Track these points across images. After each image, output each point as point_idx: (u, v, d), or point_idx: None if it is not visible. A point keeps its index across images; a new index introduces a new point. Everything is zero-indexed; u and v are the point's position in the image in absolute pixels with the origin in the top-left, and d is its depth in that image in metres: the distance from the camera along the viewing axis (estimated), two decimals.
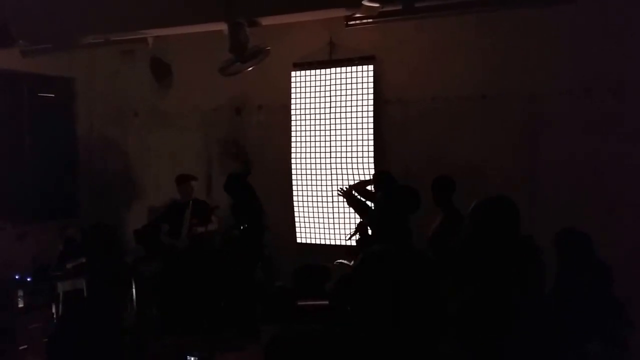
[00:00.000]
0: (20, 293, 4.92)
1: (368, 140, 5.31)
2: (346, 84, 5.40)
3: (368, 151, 5.31)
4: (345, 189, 4.49)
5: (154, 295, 5.33)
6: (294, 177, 5.65)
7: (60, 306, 5.15)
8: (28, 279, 5.24)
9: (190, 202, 5.47)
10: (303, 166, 5.63)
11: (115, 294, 4.59)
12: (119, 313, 4.44)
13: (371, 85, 5.30)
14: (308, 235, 5.60)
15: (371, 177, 4.88)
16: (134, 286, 5.05)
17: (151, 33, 5.01)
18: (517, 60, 4.84)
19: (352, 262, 4.43)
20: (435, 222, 4.07)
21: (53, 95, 6.28)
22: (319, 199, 5.54)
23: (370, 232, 4.38)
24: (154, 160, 6.13)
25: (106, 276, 4.81)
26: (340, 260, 4.60)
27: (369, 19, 4.86)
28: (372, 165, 5.25)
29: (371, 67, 5.31)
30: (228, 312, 5.25)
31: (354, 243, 4.64)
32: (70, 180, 6.45)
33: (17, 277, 5.14)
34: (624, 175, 4.43)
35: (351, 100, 5.38)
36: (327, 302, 4.13)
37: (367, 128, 5.31)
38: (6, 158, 5.85)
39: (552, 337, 2.82)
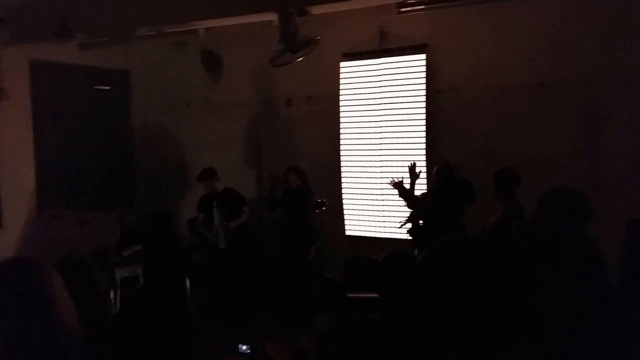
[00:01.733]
0: None
1: (420, 131, 5.19)
2: (397, 73, 5.28)
3: (419, 142, 5.19)
4: (397, 180, 4.41)
5: (205, 283, 5.44)
6: (343, 168, 5.61)
7: (118, 292, 5.36)
8: (89, 265, 5.46)
9: (216, 195, 5.31)
10: (352, 157, 5.58)
11: (170, 281, 4.74)
12: (174, 299, 4.58)
13: (423, 74, 5.16)
14: (357, 227, 5.57)
15: (421, 171, 4.77)
16: (186, 273, 5.19)
17: (203, 24, 5.06)
18: (577, 47, 4.58)
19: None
20: (494, 215, 3.94)
21: (109, 88, 6.47)
22: (369, 190, 5.48)
23: (421, 223, 4.31)
24: (206, 150, 6.22)
25: (161, 263, 4.98)
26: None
27: (422, 5, 4.72)
28: (423, 157, 5.14)
29: (423, 56, 5.17)
30: (281, 301, 5.31)
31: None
32: (127, 170, 6.66)
33: (77, 262, 5.36)
34: None
35: (402, 91, 5.26)
36: (377, 295, 4.10)
37: (419, 119, 5.19)
38: (66, 149, 6.09)
39: (616, 337, 2.70)
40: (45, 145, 5.89)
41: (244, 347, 4.14)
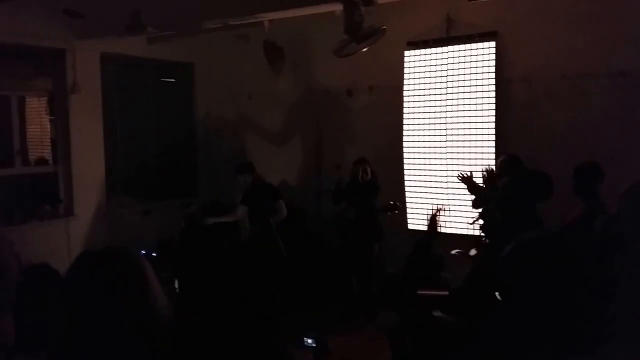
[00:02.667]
0: None
1: (489, 122, 4.98)
2: (465, 62, 5.09)
3: (488, 134, 4.98)
4: (466, 175, 4.24)
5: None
6: (405, 160, 5.47)
7: (179, 280, 5.46)
8: (154, 254, 5.62)
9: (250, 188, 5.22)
10: (415, 149, 5.43)
11: (234, 269, 4.78)
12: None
13: (493, 63, 4.94)
14: (420, 221, 5.42)
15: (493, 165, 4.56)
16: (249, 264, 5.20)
17: (267, 16, 5.05)
18: None
19: (473, 252, 4.21)
20: (573, 212, 3.72)
21: (174, 80, 6.61)
22: (432, 184, 5.33)
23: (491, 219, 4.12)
24: (267, 142, 6.25)
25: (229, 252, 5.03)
26: (458, 250, 4.39)
27: None
28: (492, 150, 4.93)
29: (493, 43, 4.95)
30: (343, 295, 5.25)
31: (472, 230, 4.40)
32: (190, 161, 6.79)
33: (143, 252, 5.52)
34: None
35: (470, 80, 5.06)
36: (447, 292, 3.98)
37: (488, 109, 4.98)
38: (133, 140, 6.27)
39: None
40: (113, 136, 6.09)
41: (310, 341, 4.13)
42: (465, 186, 4.19)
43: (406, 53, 5.41)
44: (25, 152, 5.90)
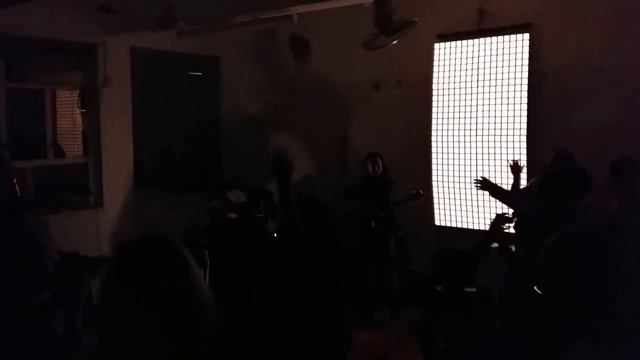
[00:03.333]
0: None
1: (521, 117, 4.86)
2: (497, 55, 4.98)
3: (520, 129, 4.86)
4: (481, 179, 4.14)
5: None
6: (433, 155, 5.38)
7: (208, 272, 5.50)
8: None
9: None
10: (444, 144, 5.34)
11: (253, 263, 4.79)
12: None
13: (526, 56, 4.82)
14: (447, 217, 5.34)
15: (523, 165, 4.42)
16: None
17: (297, 10, 5.02)
18: None
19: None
20: (610, 208, 3.60)
21: (200, 74, 6.64)
22: (461, 179, 5.24)
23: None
24: (293, 136, 6.23)
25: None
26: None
27: None
28: (524, 145, 4.81)
29: (526, 36, 4.82)
30: (363, 290, 5.21)
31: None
32: (216, 154, 6.82)
33: None
34: None
35: (502, 73, 4.95)
36: (474, 289, 3.90)
37: (520, 103, 4.86)
38: (161, 133, 6.33)
39: None
40: (142, 129, 6.15)
41: None
42: (488, 192, 4.10)
43: (436, 46, 5.32)
44: (57, 145, 6.02)
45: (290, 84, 6.41)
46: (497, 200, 4.22)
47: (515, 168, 4.33)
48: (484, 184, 4.04)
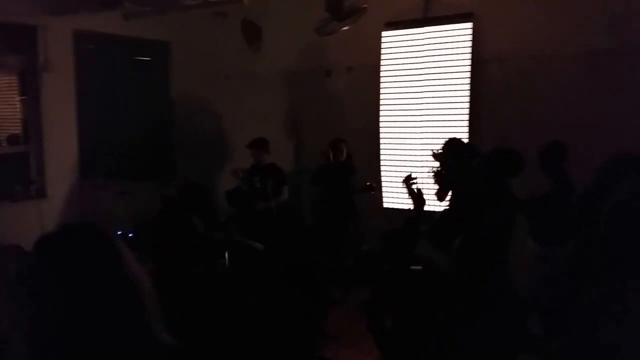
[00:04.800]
0: None
1: (463, 102, 5.06)
2: (441, 43, 5.14)
3: (462, 114, 5.07)
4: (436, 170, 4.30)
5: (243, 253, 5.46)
6: (382, 140, 5.52)
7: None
8: (130, 235, 5.56)
9: (261, 168, 5.32)
10: (392, 129, 5.49)
11: (210, 252, 4.78)
12: (214, 269, 4.62)
13: (469, 44, 5.01)
14: (395, 199, 5.50)
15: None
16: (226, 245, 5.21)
17: None
18: (634, 12, 4.36)
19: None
20: (541, 190, 3.84)
21: (150, 59, 6.49)
22: (408, 162, 5.40)
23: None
24: (246, 123, 6.22)
25: (201, 234, 5.01)
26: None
27: None
28: (466, 129, 5.02)
29: (469, 24, 5.01)
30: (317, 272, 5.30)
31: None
32: (167, 141, 6.70)
33: (119, 232, 5.47)
34: None
35: (446, 60, 5.13)
36: (420, 268, 4.06)
37: (463, 89, 5.06)
38: (108, 120, 6.15)
39: None
40: (87, 116, 5.97)
41: None
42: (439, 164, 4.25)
43: (384, 33, 5.44)
44: None
45: (242, 70, 6.38)
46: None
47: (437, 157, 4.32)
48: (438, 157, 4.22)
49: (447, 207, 4.12)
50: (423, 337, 2.53)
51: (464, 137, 4.96)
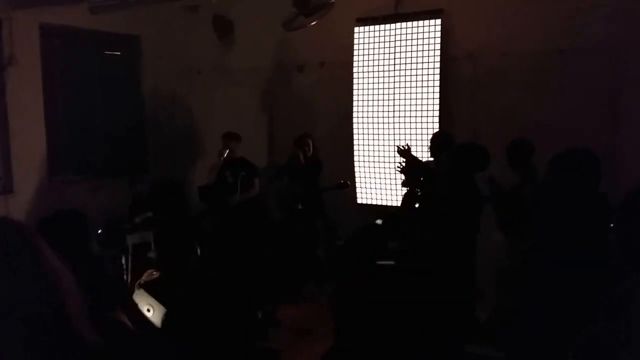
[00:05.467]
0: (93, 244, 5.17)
1: (434, 98, 5.12)
2: (412, 39, 5.19)
3: (433, 110, 5.12)
4: (405, 147, 4.38)
5: (214, 250, 5.45)
6: (355, 136, 5.55)
7: (130, 257, 5.39)
8: (99, 231, 5.48)
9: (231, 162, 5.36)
10: (365, 125, 5.52)
11: (181, 248, 4.75)
12: (186, 266, 4.61)
13: (438, 40, 5.06)
14: (369, 195, 5.55)
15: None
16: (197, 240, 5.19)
17: None
18: (599, 13, 4.47)
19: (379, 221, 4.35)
20: (509, 184, 3.92)
21: (119, 53, 6.39)
22: (381, 158, 5.45)
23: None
24: (218, 118, 6.19)
25: (172, 230, 4.99)
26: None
27: None
28: (436, 125, 5.08)
29: (439, 21, 5.06)
30: (291, 267, 5.33)
31: None
32: (138, 136, 6.62)
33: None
34: None
35: (417, 57, 5.17)
36: (392, 262, 4.11)
37: (433, 86, 5.11)
38: (77, 115, 6.05)
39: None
40: (56, 111, 5.85)
41: None
42: (404, 159, 4.32)
43: (356, 29, 5.45)
44: None
45: (214, 65, 6.33)
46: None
47: (402, 152, 4.41)
48: (403, 152, 4.31)
49: (413, 202, 4.19)
50: (380, 325, 2.58)
51: (435, 130, 5.02)
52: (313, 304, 5.05)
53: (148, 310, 3.61)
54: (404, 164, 4.29)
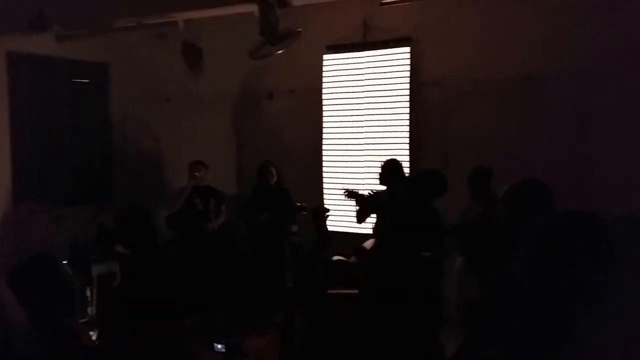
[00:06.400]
0: None
1: (404, 125, 5.10)
2: (381, 67, 5.20)
3: (403, 137, 5.10)
4: (350, 191, 4.45)
5: (180, 278, 5.31)
6: (324, 162, 5.52)
7: (95, 289, 5.24)
8: (64, 262, 5.33)
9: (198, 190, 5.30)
10: (334, 151, 5.48)
11: (148, 277, 4.62)
12: (152, 295, 4.46)
13: (407, 67, 5.08)
14: (337, 222, 5.46)
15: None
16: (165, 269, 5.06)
17: (182, 16, 4.96)
18: (566, 39, 4.51)
19: (352, 259, 4.32)
20: (471, 209, 3.88)
21: (88, 81, 6.34)
22: (351, 183, 5.38)
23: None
24: (186, 145, 6.13)
25: (139, 260, 4.86)
26: (339, 257, 4.48)
27: None
28: (407, 152, 5.05)
29: (407, 49, 5.08)
30: (256, 298, 5.21)
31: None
32: (105, 164, 6.53)
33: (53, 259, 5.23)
34: None
35: (386, 84, 5.18)
36: (357, 291, 4.03)
37: (403, 112, 5.10)
38: (43, 143, 5.96)
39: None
40: (21, 138, 5.76)
41: (220, 346, 4.03)
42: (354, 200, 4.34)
43: (325, 57, 5.46)
44: None
45: (184, 92, 6.30)
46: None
47: (350, 195, 4.50)
48: (350, 194, 4.40)
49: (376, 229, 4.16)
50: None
51: (405, 159, 5.00)
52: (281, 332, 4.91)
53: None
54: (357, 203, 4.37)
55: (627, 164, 4.23)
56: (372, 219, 4.66)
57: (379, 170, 4.42)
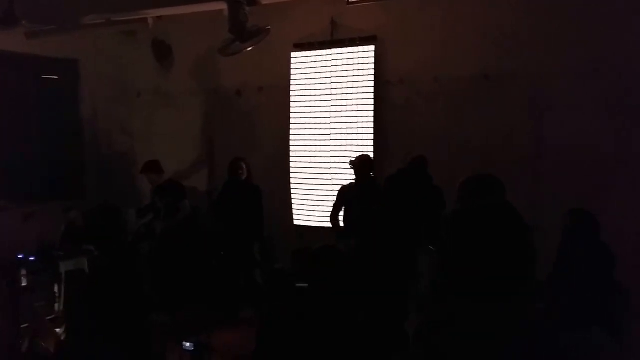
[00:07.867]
0: (24, 272, 4.97)
1: (368, 122, 5.24)
2: (347, 64, 5.33)
3: (368, 133, 5.24)
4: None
5: (149, 273, 5.32)
6: (292, 158, 5.62)
7: (63, 285, 5.21)
8: (31, 259, 5.30)
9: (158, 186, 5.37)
10: (302, 147, 5.59)
11: (116, 274, 4.63)
12: (121, 292, 4.48)
13: (372, 66, 5.22)
14: (305, 217, 5.57)
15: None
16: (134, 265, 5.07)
17: (152, 13, 5.01)
18: (521, 39, 4.71)
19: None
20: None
21: (57, 77, 6.32)
22: (317, 181, 5.50)
23: None
24: (157, 141, 6.16)
25: (108, 256, 4.87)
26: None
27: None
28: (371, 148, 5.18)
29: (372, 47, 5.23)
30: (227, 291, 5.26)
31: None
32: (76, 161, 6.51)
33: (20, 256, 5.20)
34: (630, 157, 4.31)
35: (352, 82, 5.31)
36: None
37: (368, 110, 5.24)
38: (12, 140, 5.92)
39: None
40: None
41: (188, 345, 4.07)
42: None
43: (293, 55, 5.57)
44: None
45: (154, 88, 6.33)
46: None
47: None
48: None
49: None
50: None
51: (370, 152, 5.12)
52: (249, 329, 4.97)
53: None
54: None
55: (577, 158, 4.44)
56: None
57: (359, 165, 4.50)
